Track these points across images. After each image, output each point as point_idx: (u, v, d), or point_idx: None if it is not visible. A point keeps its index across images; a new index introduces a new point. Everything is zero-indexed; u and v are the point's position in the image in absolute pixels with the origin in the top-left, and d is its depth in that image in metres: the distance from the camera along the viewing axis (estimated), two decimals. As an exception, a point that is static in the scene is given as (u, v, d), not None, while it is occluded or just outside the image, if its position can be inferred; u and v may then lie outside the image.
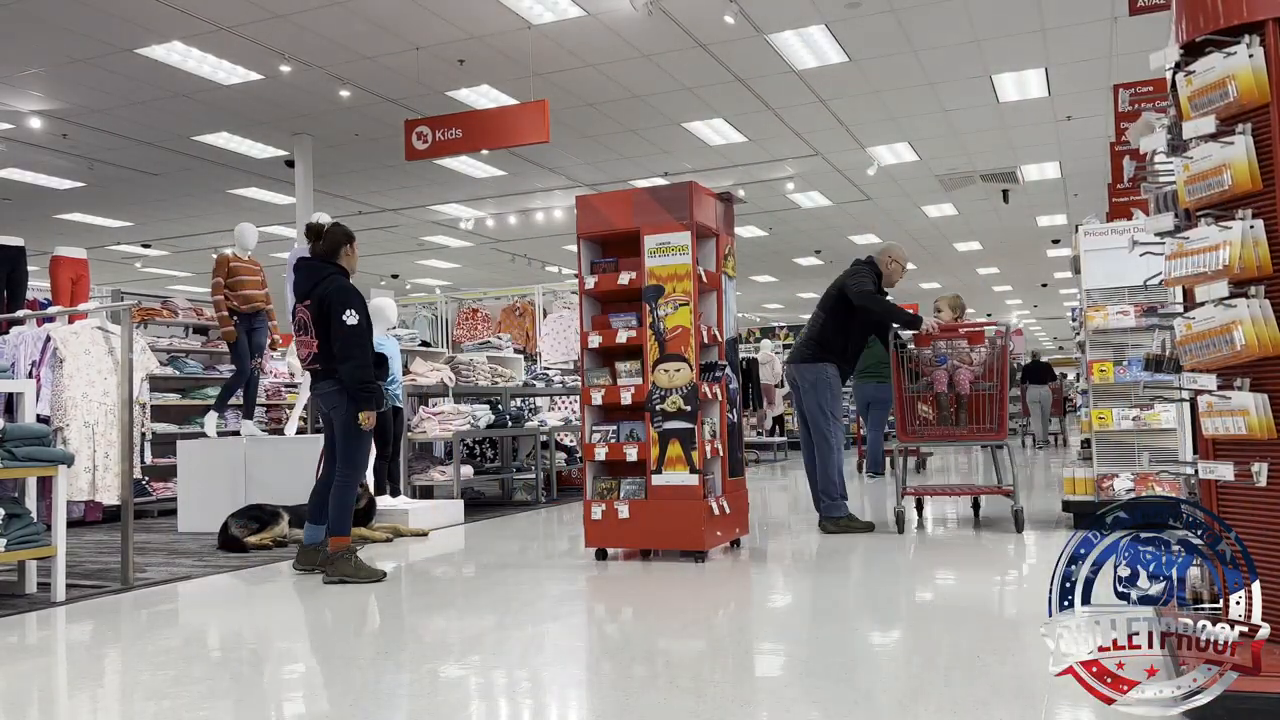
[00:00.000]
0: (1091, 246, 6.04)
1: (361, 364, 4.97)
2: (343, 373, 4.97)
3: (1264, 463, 2.45)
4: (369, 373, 5.01)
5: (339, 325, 4.94)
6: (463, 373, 8.87)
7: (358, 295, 5.07)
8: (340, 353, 4.96)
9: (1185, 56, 2.67)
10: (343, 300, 4.98)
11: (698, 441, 5.18)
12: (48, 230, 16.31)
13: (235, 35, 9.26)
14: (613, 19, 9.16)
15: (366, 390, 4.99)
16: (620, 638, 3.74)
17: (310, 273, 5.14)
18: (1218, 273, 2.47)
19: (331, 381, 5.04)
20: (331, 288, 5.03)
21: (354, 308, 4.99)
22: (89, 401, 5.78)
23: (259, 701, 2.91)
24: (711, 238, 5.58)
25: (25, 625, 4.18)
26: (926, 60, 10.38)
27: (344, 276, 5.13)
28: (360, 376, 4.97)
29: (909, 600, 4.20)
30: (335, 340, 4.96)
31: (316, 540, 5.21)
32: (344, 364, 4.96)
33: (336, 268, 5.15)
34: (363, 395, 4.99)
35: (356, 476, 5.16)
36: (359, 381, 4.97)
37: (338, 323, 4.94)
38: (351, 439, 5.08)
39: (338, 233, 5.22)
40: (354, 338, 4.95)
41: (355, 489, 5.20)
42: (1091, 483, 5.88)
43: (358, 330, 4.97)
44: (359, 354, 4.97)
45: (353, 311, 4.97)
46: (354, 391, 4.98)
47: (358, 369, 4.96)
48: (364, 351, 4.99)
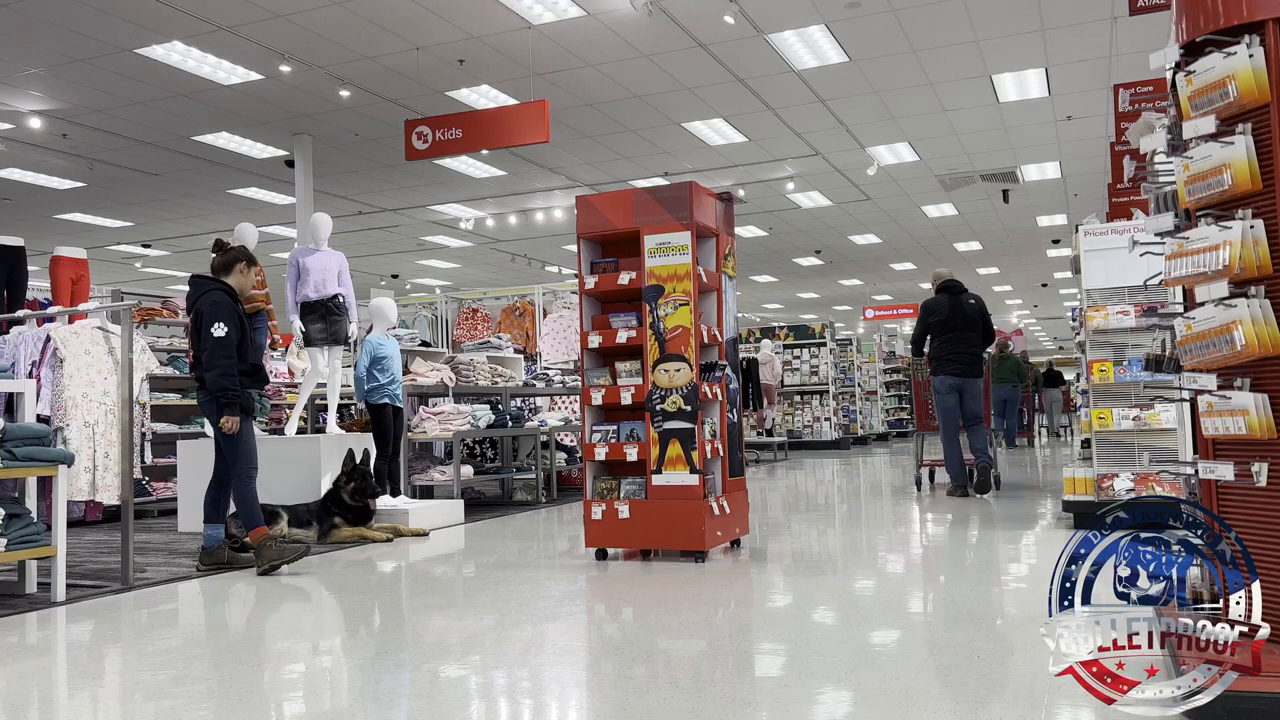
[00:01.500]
0: (1091, 246, 6.04)
1: (223, 371, 5.30)
2: (207, 380, 5.33)
3: (1264, 463, 2.45)
4: (231, 380, 5.32)
5: (206, 336, 5.31)
6: (463, 373, 8.87)
7: (229, 309, 5.39)
8: (206, 361, 5.32)
9: (1185, 56, 2.67)
10: (213, 314, 5.33)
11: (698, 441, 5.18)
12: (48, 230, 16.31)
13: (235, 35, 9.27)
14: (613, 19, 9.16)
15: (226, 396, 5.31)
16: (620, 638, 3.74)
17: (195, 287, 5.52)
18: (1218, 273, 2.47)
19: (205, 391, 5.39)
20: (206, 302, 5.39)
21: (222, 320, 5.33)
22: (89, 401, 5.78)
23: (259, 701, 2.91)
24: (711, 238, 5.58)
25: (25, 625, 4.18)
26: (926, 60, 10.38)
27: (224, 292, 5.45)
28: (221, 384, 5.30)
29: (909, 600, 4.21)
30: (203, 350, 5.33)
31: (217, 539, 5.53)
32: (208, 372, 5.32)
33: (220, 284, 5.49)
34: (223, 400, 5.31)
35: (249, 469, 5.43)
36: (220, 388, 5.30)
37: (205, 334, 5.31)
38: (228, 442, 5.40)
39: (237, 253, 5.59)
40: (219, 348, 5.31)
41: (252, 483, 5.45)
42: (1091, 483, 5.88)
43: (224, 341, 5.31)
44: (222, 362, 5.30)
45: (220, 324, 5.32)
46: (215, 397, 5.32)
47: (220, 376, 5.30)
48: (227, 360, 5.32)
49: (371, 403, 7.23)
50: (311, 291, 7.38)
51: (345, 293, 7.53)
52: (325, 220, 7.74)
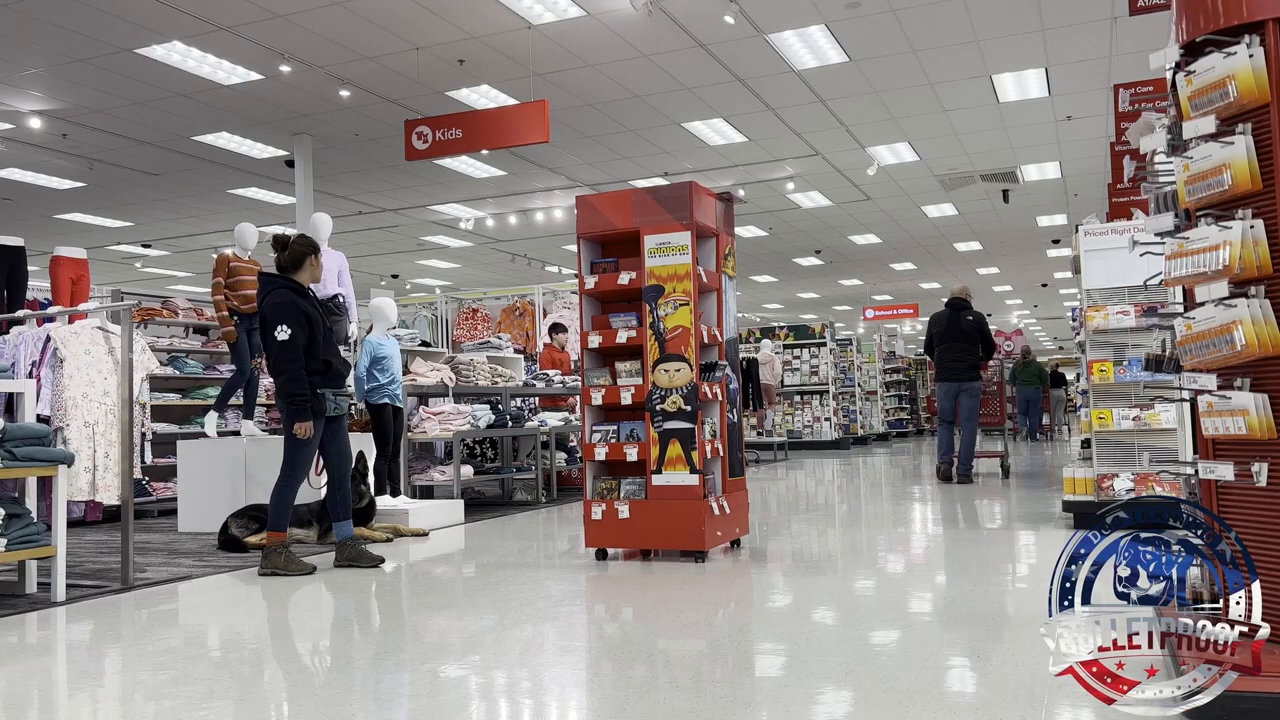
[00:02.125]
0: (1091, 246, 6.04)
1: (291, 377, 5.09)
2: (276, 386, 5.18)
3: (1264, 463, 2.45)
4: (300, 384, 5.11)
5: (269, 341, 5.12)
6: (463, 373, 8.86)
7: (292, 308, 5.14)
8: (272, 367, 5.15)
9: (1185, 56, 2.67)
10: (275, 317, 5.11)
11: (698, 441, 5.18)
12: (48, 230, 16.30)
13: (235, 35, 9.26)
14: (613, 19, 9.16)
15: (295, 402, 5.12)
16: (620, 638, 3.74)
17: (261, 286, 5.34)
18: (1218, 273, 2.47)
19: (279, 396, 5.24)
20: (269, 304, 5.18)
21: (285, 322, 5.10)
22: (89, 401, 5.78)
23: (259, 702, 2.91)
24: (711, 238, 5.58)
25: (25, 625, 4.18)
26: (926, 60, 10.38)
27: (290, 290, 5.23)
28: (289, 390, 5.10)
29: (908, 600, 4.20)
30: (268, 356, 5.16)
31: (345, 535, 5.47)
32: (275, 378, 5.16)
33: (286, 281, 5.27)
34: (293, 406, 5.13)
35: (296, 479, 5.34)
36: (288, 394, 5.12)
37: (269, 339, 5.12)
38: (289, 444, 5.27)
39: (305, 246, 5.36)
40: (284, 352, 5.10)
41: (294, 490, 5.36)
42: (1091, 483, 5.88)
43: (288, 345, 5.09)
44: (289, 367, 5.10)
45: (283, 327, 5.09)
46: (287, 403, 5.15)
47: (287, 382, 5.10)
48: (293, 364, 5.10)
49: (371, 403, 7.23)
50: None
51: (345, 293, 7.53)
52: (325, 220, 7.74)
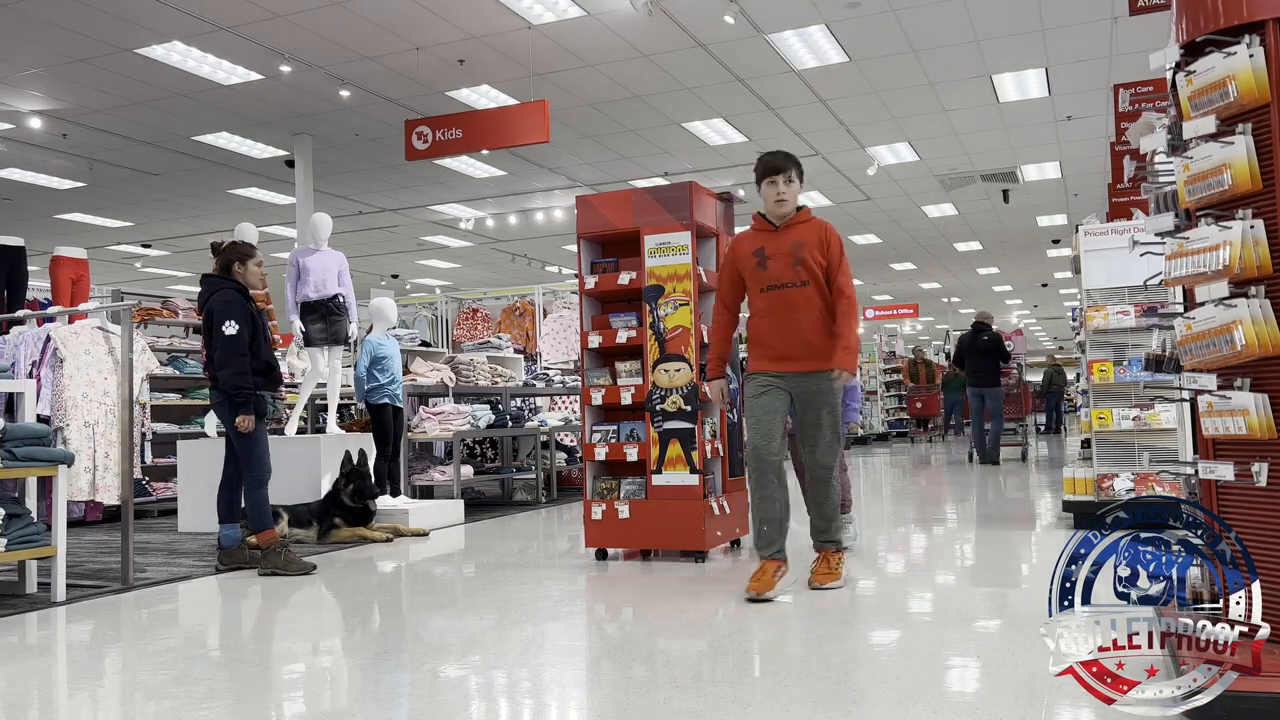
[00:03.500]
0: (1091, 246, 6.03)
1: (236, 370, 5.26)
2: (220, 379, 5.29)
3: (1264, 463, 2.45)
4: (244, 379, 5.28)
5: (218, 335, 5.27)
6: (463, 373, 8.86)
7: (240, 307, 5.36)
8: (219, 360, 5.28)
9: (1185, 56, 2.67)
10: (223, 313, 5.30)
11: (698, 441, 5.18)
12: (48, 230, 16.30)
13: (235, 35, 9.27)
14: (613, 19, 9.16)
15: (240, 395, 5.26)
16: (620, 638, 3.74)
17: (206, 287, 5.49)
18: (1218, 273, 2.47)
19: (218, 392, 5.35)
20: (217, 301, 5.36)
21: (233, 318, 5.29)
22: (89, 401, 5.78)
23: (259, 702, 2.91)
24: (711, 238, 5.58)
25: (25, 625, 4.18)
26: (926, 60, 10.38)
27: (234, 290, 5.43)
28: (234, 383, 5.26)
29: (908, 599, 4.20)
30: (215, 349, 5.29)
31: (235, 539, 5.52)
32: (220, 370, 5.28)
33: (230, 282, 5.47)
34: (237, 400, 5.26)
35: (262, 474, 5.42)
36: (234, 387, 5.26)
37: (217, 333, 5.27)
38: (242, 442, 5.37)
39: (228, 251, 5.57)
40: (231, 346, 5.27)
41: (264, 486, 5.44)
42: (1091, 483, 5.87)
43: (235, 339, 5.27)
44: (234, 361, 5.27)
45: (231, 322, 5.29)
46: (229, 396, 5.27)
47: (232, 375, 5.26)
48: (239, 359, 5.27)
49: (371, 403, 7.23)
50: (311, 291, 7.38)
51: (345, 293, 7.53)
52: (325, 220, 7.74)
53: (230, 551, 5.50)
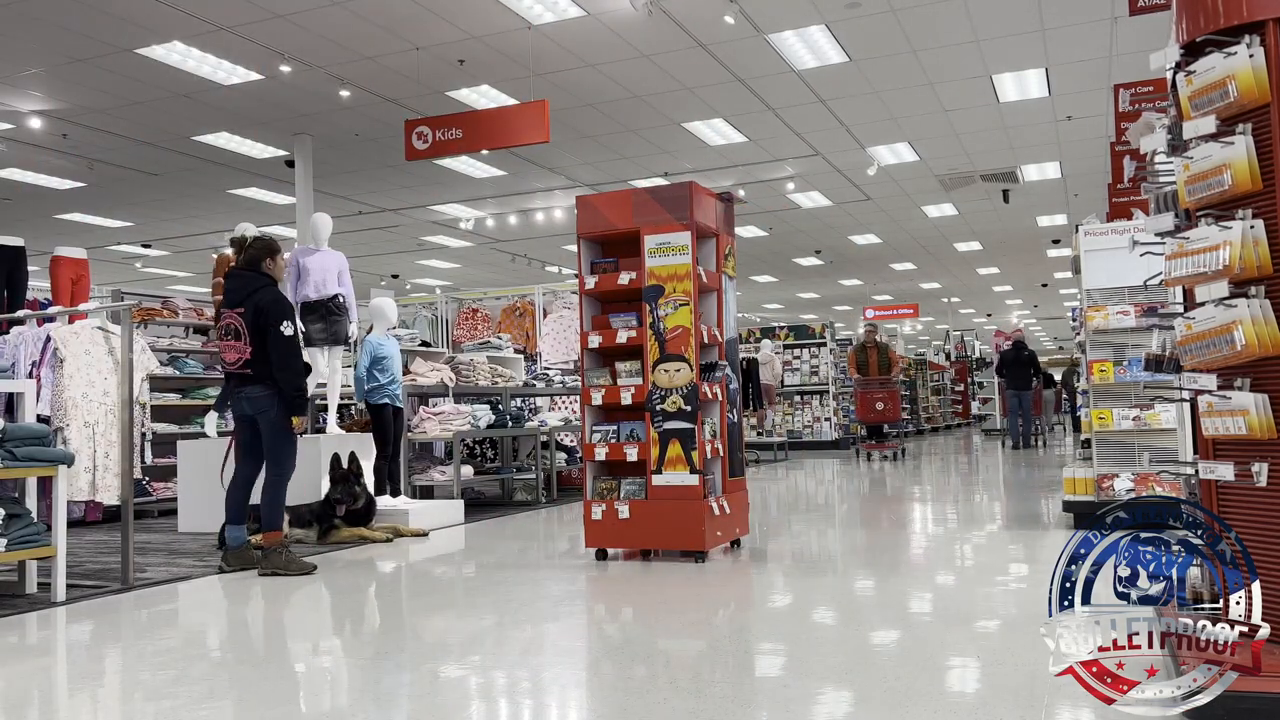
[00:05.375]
0: (1091, 246, 6.03)
1: (298, 371, 5.34)
2: (281, 381, 5.31)
3: (1264, 463, 2.45)
4: (304, 380, 5.39)
5: (277, 337, 5.29)
6: (463, 373, 8.86)
7: (290, 307, 5.45)
8: (279, 362, 5.31)
9: (1185, 56, 2.67)
10: (279, 313, 5.34)
11: (698, 441, 5.18)
12: (48, 230, 16.30)
13: (235, 35, 9.26)
14: (613, 19, 9.16)
15: (302, 396, 5.37)
16: (620, 638, 3.74)
17: (243, 282, 5.46)
18: (1218, 273, 2.47)
19: (262, 387, 5.36)
20: (268, 299, 5.36)
21: (289, 319, 5.37)
22: (89, 401, 5.78)
23: (259, 702, 2.91)
24: (711, 238, 5.58)
25: (25, 625, 4.18)
26: (926, 60, 10.37)
27: (275, 287, 5.48)
28: (297, 384, 5.34)
29: (908, 600, 4.20)
30: (273, 350, 5.30)
31: (242, 540, 5.53)
32: (282, 372, 5.31)
33: (267, 278, 5.48)
34: (299, 401, 5.35)
35: (286, 475, 5.47)
36: (296, 389, 5.33)
37: (275, 334, 5.30)
38: (281, 440, 5.42)
39: (259, 246, 5.57)
40: (292, 348, 5.34)
41: (285, 487, 5.47)
42: (1091, 483, 5.87)
43: (294, 342, 5.36)
44: (295, 363, 5.34)
45: (289, 323, 5.35)
46: (290, 398, 5.32)
47: (295, 376, 5.33)
48: (299, 360, 5.39)
49: (371, 403, 7.23)
50: (311, 291, 7.37)
51: (345, 293, 7.53)
52: (325, 220, 7.74)
53: (237, 553, 5.49)
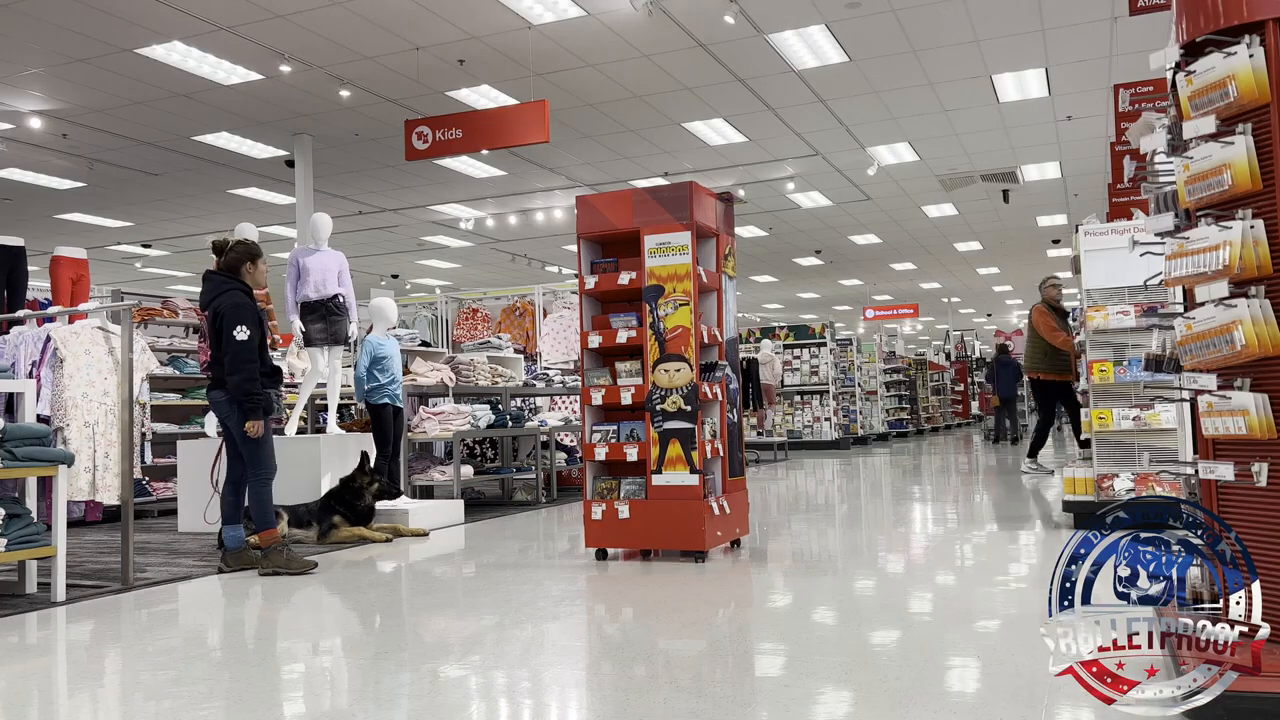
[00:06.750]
0: (1091, 246, 6.03)
1: (248, 377, 5.29)
2: (230, 384, 5.30)
3: (1264, 463, 2.45)
4: (255, 385, 5.32)
5: (229, 340, 5.27)
6: (463, 373, 8.86)
7: (251, 310, 5.37)
8: (229, 365, 5.29)
9: (1185, 56, 2.67)
10: (235, 317, 5.29)
11: (698, 441, 5.18)
12: (48, 230, 16.30)
13: (235, 35, 9.26)
14: (613, 19, 9.16)
15: (251, 401, 5.29)
16: (620, 638, 3.74)
17: (213, 285, 5.47)
18: (1218, 273, 2.47)
19: (222, 391, 5.37)
20: (227, 303, 5.34)
21: (245, 324, 5.30)
22: (89, 401, 5.78)
23: (259, 702, 2.91)
24: (711, 238, 5.58)
25: (25, 625, 4.18)
26: (926, 60, 10.38)
27: (243, 292, 5.43)
28: (246, 389, 5.28)
29: (908, 600, 4.20)
30: (225, 353, 5.29)
31: (240, 540, 5.53)
32: (232, 376, 5.28)
33: (238, 283, 5.45)
34: (247, 405, 5.29)
35: (267, 472, 5.45)
36: (245, 393, 5.29)
37: (228, 338, 5.27)
38: (249, 445, 5.38)
39: (239, 250, 5.54)
40: (243, 352, 5.28)
41: (268, 486, 5.47)
42: (1091, 483, 5.87)
43: (247, 345, 5.29)
44: (246, 367, 5.29)
45: (243, 328, 5.29)
46: (240, 402, 5.30)
47: (244, 381, 5.28)
48: (251, 365, 5.31)
49: (371, 403, 7.23)
50: (311, 291, 7.37)
51: (345, 293, 7.53)
52: (325, 220, 7.73)
53: (237, 553, 5.50)
